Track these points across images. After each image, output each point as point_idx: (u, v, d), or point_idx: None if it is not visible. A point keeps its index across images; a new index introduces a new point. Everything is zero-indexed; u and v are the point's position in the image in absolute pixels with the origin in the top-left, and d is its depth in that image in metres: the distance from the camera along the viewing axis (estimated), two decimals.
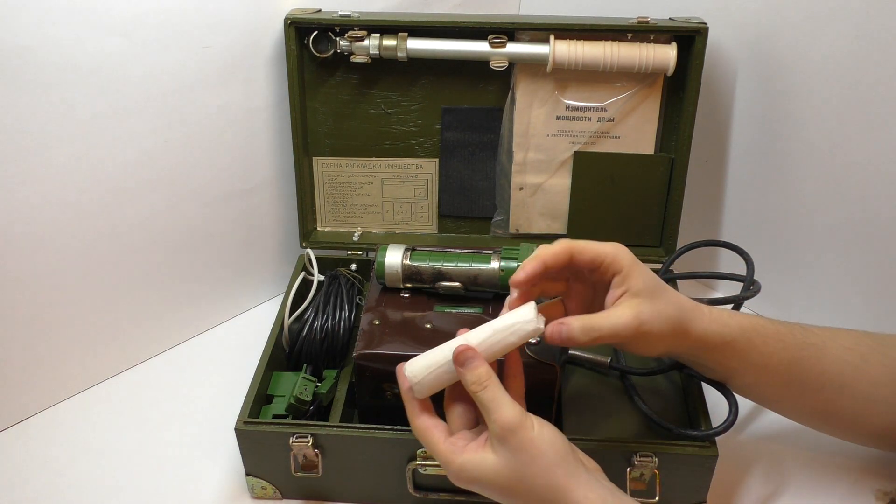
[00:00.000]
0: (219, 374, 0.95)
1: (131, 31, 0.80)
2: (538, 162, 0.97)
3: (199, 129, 0.90)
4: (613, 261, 0.65)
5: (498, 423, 0.61)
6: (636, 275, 0.65)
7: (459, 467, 0.63)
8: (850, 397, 0.72)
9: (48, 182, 0.81)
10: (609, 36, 0.89)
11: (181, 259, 0.95)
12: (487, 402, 0.61)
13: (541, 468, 0.61)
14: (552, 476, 0.61)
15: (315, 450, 0.76)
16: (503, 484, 0.62)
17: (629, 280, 0.64)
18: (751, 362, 0.70)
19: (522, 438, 0.61)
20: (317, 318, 0.89)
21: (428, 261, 0.82)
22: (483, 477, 0.62)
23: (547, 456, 0.61)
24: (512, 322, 0.63)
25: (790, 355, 0.70)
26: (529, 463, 0.61)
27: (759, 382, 0.72)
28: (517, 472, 0.61)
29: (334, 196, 1.01)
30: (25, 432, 0.88)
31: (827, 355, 0.71)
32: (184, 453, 0.86)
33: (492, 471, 0.62)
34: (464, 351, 0.63)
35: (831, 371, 0.71)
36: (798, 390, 0.72)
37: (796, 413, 0.77)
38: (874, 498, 0.80)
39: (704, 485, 0.76)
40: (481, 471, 0.62)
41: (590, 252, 0.65)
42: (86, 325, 0.90)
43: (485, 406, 0.62)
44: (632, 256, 0.66)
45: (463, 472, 0.63)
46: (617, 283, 0.65)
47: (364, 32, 0.90)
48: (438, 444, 0.64)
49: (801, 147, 0.93)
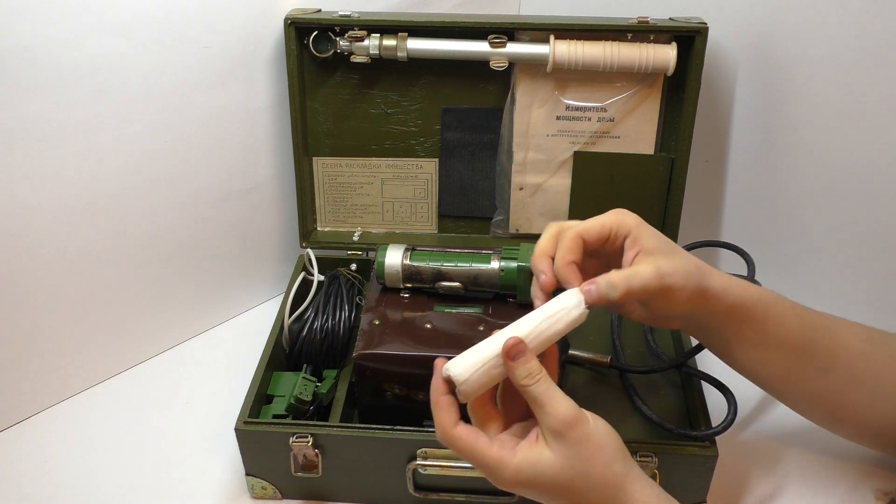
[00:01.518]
0: (219, 374, 0.95)
1: (131, 31, 0.80)
2: (538, 162, 0.97)
3: (199, 129, 0.90)
4: (620, 226, 0.64)
5: (554, 417, 0.59)
6: (645, 234, 0.64)
7: (517, 469, 0.60)
8: (857, 387, 0.71)
9: (48, 182, 0.81)
10: (609, 36, 0.89)
11: (181, 259, 0.95)
12: (541, 396, 0.59)
13: (600, 463, 0.59)
14: (610, 471, 0.59)
15: (315, 450, 0.76)
16: (562, 481, 0.59)
17: (640, 240, 0.63)
18: (765, 334, 0.68)
19: (580, 433, 0.59)
20: (317, 318, 0.89)
21: (428, 261, 0.82)
22: (541, 475, 0.59)
23: (605, 450, 0.60)
24: (558, 309, 0.62)
25: (804, 334, 0.69)
26: (589, 458, 0.59)
27: (770, 358, 0.70)
28: (576, 468, 0.59)
29: (334, 196, 1.01)
30: (25, 432, 0.88)
31: (839, 340, 0.70)
32: (184, 453, 0.86)
33: (550, 468, 0.59)
34: (516, 344, 0.60)
35: (842, 356, 0.70)
36: (807, 372, 0.70)
37: (801, 400, 0.75)
38: (874, 498, 0.80)
39: (704, 485, 0.77)
40: (539, 469, 0.59)
41: (595, 227, 0.64)
42: (86, 325, 0.90)
43: (538, 401, 0.59)
44: (636, 218, 0.65)
45: (520, 474, 0.60)
46: (629, 245, 0.64)
47: (364, 32, 0.90)
48: (488, 451, 0.60)
49: (801, 147, 0.93)
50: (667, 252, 0.64)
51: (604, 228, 0.64)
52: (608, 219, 0.64)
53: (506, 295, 0.82)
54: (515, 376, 0.60)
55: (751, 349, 0.69)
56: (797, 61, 0.89)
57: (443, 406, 0.61)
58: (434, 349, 0.75)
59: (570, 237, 0.63)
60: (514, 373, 0.60)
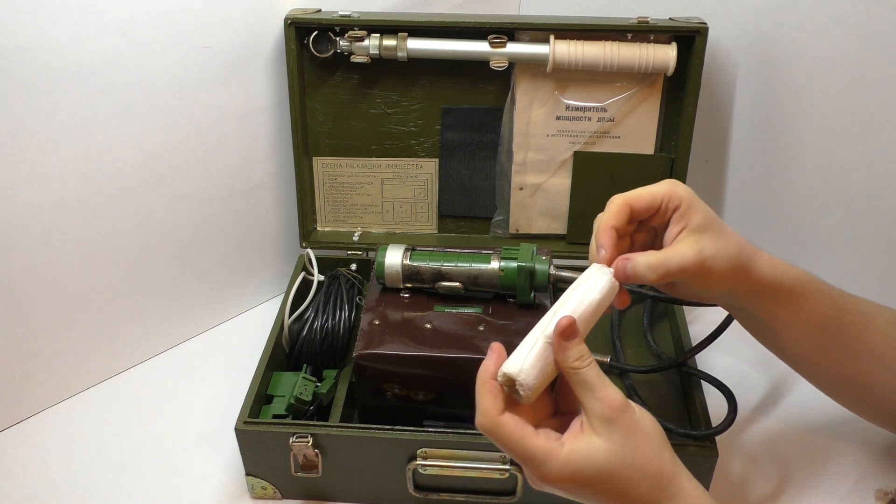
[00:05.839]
0: (219, 374, 0.95)
1: (131, 31, 0.80)
2: (538, 162, 0.97)
3: (199, 129, 0.90)
4: (671, 197, 0.62)
5: (605, 402, 0.56)
6: (696, 210, 0.61)
7: (566, 460, 0.56)
8: (884, 371, 0.70)
9: (48, 182, 0.81)
10: (609, 36, 0.89)
11: (181, 259, 0.95)
12: (592, 380, 0.56)
13: (651, 451, 0.57)
14: (661, 460, 0.57)
15: (315, 450, 0.76)
16: (612, 470, 0.56)
17: (689, 214, 0.61)
18: (800, 317, 0.67)
19: (630, 420, 0.57)
20: (317, 318, 0.89)
21: (428, 261, 0.82)
22: (591, 465, 0.56)
23: (655, 439, 0.58)
24: (583, 280, 0.60)
25: (839, 317, 0.68)
26: (639, 446, 0.57)
27: (802, 340, 0.69)
28: (627, 456, 0.56)
29: (334, 196, 1.01)
30: (25, 432, 0.88)
31: (872, 325, 0.70)
32: (184, 453, 0.86)
33: (603, 456, 0.56)
34: (570, 324, 0.57)
35: (874, 341, 0.70)
36: (838, 355, 0.70)
37: (829, 380, 0.74)
38: (874, 498, 0.80)
39: (704, 485, 0.76)
40: (590, 458, 0.56)
41: (645, 197, 0.62)
42: (86, 325, 0.90)
43: (588, 385, 0.56)
44: (689, 191, 0.62)
45: (569, 465, 0.56)
46: (676, 219, 0.62)
47: (364, 32, 0.90)
48: (536, 441, 0.56)
49: (800, 147, 0.93)
50: (713, 231, 0.62)
51: (654, 198, 0.62)
52: (660, 189, 0.62)
53: (506, 295, 0.82)
54: (566, 358, 0.57)
55: (783, 330, 0.68)
56: (797, 61, 0.89)
57: (491, 390, 0.58)
58: (434, 349, 0.75)
59: (618, 203, 0.62)
60: (566, 354, 0.57)
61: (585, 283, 0.60)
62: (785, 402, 0.91)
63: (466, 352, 0.75)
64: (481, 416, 0.57)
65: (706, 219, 0.62)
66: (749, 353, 0.96)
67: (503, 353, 0.59)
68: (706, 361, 0.91)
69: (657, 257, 0.60)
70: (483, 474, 0.75)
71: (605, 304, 0.60)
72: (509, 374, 0.57)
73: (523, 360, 0.57)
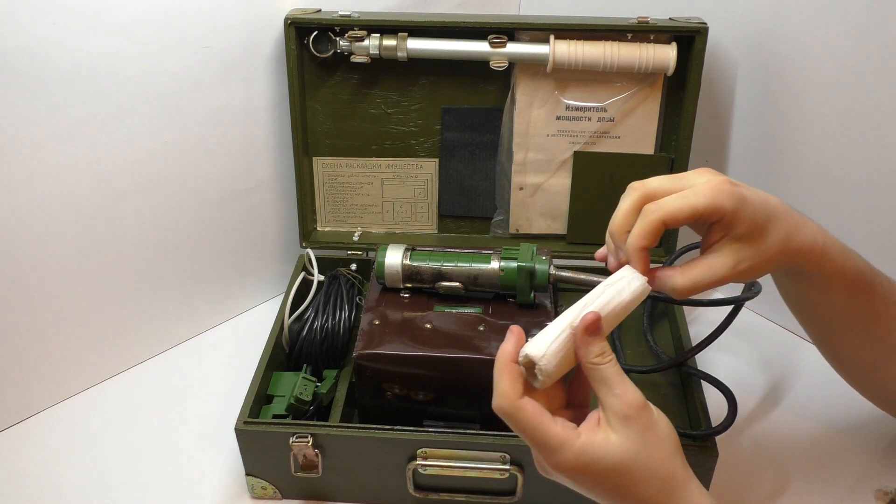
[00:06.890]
0: (219, 374, 0.95)
1: (131, 31, 0.80)
2: (538, 162, 0.97)
3: (199, 129, 0.90)
4: (713, 212, 0.57)
5: (624, 400, 0.55)
6: (740, 220, 0.58)
7: (580, 450, 0.56)
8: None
9: (48, 182, 0.81)
10: (609, 36, 0.89)
11: (181, 259, 0.95)
12: (612, 377, 0.56)
13: (665, 453, 0.57)
14: (673, 463, 0.57)
15: (315, 450, 0.76)
16: (623, 467, 0.56)
17: (732, 225, 0.58)
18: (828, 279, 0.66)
19: (647, 420, 0.56)
20: (317, 318, 0.89)
21: (428, 261, 0.82)
22: (603, 459, 0.56)
23: (668, 442, 0.57)
24: (616, 279, 0.59)
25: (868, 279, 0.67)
26: (653, 446, 0.56)
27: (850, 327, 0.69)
28: (640, 455, 0.56)
29: (334, 196, 1.01)
30: (25, 432, 0.88)
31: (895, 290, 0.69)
32: (184, 453, 0.86)
33: (617, 451, 0.56)
34: (595, 320, 0.56)
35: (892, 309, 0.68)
36: (862, 314, 0.68)
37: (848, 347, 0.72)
38: (874, 498, 0.80)
39: (704, 484, 0.76)
40: (603, 452, 0.56)
41: (684, 213, 0.57)
42: (86, 325, 0.90)
43: (608, 381, 0.56)
44: (735, 195, 0.57)
45: (582, 456, 0.56)
46: (717, 228, 0.59)
47: (364, 32, 0.90)
48: (553, 428, 0.56)
49: (801, 147, 0.93)
50: (755, 237, 0.59)
51: (694, 215, 0.57)
52: (700, 203, 0.57)
53: (506, 295, 0.82)
54: (588, 353, 0.56)
55: (810, 291, 0.67)
56: (797, 61, 0.89)
57: (511, 372, 0.57)
58: (434, 349, 0.75)
59: (652, 221, 0.58)
60: (588, 349, 0.56)
61: (618, 282, 0.59)
62: (785, 403, 0.91)
63: (466, 352, 0.75)
64: (500, 398, 0.57)
65: (750, 226, 0.59)
66: (749, 353, 0.96)
67: (522, 337, 0.59)
68: (706, 361, 0.91)
69: (692, 277, 0.59)
70: (483, 474, 0.75)
71: (633, 306, 0.59)
72: (532, 357, 0.56)
73: (547, 346, 0.57)
